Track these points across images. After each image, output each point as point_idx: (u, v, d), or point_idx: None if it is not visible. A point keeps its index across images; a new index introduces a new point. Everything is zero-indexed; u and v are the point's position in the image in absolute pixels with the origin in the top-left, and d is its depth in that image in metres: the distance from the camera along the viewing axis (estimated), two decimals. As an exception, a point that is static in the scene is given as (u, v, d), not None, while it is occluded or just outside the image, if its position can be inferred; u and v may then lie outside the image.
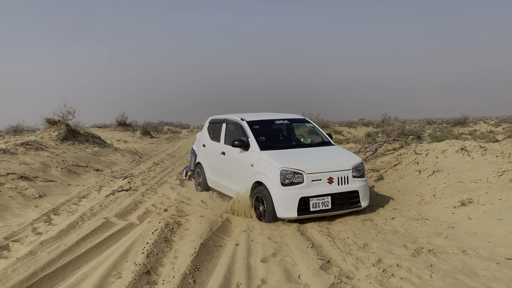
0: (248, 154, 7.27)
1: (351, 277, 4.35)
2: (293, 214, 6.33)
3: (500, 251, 4.82)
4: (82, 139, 17.29)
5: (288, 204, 6.32)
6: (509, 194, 6.30)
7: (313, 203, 6.38)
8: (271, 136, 7.99)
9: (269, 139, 7.74)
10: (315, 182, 6.44)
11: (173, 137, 37.34)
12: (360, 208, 6.77)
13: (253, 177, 6.96)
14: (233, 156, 7.80)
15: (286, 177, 6.39)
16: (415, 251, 5.00)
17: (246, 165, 7.23)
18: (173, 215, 6.88)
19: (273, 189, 6.44)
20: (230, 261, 4.93)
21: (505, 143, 8.88)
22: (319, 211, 6.44)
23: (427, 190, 8.01)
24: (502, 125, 38.45)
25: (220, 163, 8.41)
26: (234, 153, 7.71)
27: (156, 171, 13.09)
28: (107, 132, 30.06)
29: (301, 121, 8.58)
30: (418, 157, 9.97)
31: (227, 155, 8.07)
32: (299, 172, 6.41)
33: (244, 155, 7.37)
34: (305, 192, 6.36)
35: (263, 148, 7.14)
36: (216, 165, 8.68)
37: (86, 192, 9.26)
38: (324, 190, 6.47)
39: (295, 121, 8.50)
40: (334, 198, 6.51)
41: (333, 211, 6.53)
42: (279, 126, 8.38)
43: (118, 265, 4.73)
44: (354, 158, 7.07)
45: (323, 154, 7.23)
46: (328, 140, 8.05)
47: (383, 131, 22.82)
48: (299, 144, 7.95)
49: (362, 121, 54.66)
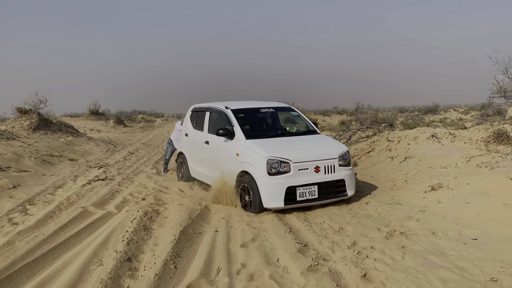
0: (233, 143, 7.11)
1: (327, 259, 4.52)
2: (280, 204, 6.24)
3: (467, 232, 5.09)
4: (54, 128, 16.98)
5: (275, 194, 6.23)
6: (476, 178, 6.59)
7: (300, 192, 6.30)
8: (256, 125, 7.89)
9: (255, 128, 7.64)
10: (302, 171, 6.36)
11: (147, 126, 36.94)
12: (346, 197, 6.72)
13: (238, 167, 6.82)
14: (217, 146, 7.63)
15: (272, 166, 6.28)
16: (388, 234, 5.22)
17: (231, 155, 7.08)
18: (151, 204, 6.92)
19: (259, 178, 6.33)
20: (210, 247, 5.03)
21: (473, 130, 9.23)
22: (306, 201, 6.36)
23: (399, 176, 8.29)
24: (470, 113, 39.53)
25: (204, 153, 8.23)
26: (219, 142, 7.53)
27: (131, 161, 13.01)
28: (80, 121, 29.50)
29: (286, 109, 8.49)
30: (391, 144, 10.26)
31: (211, 144, 7.89)
32: (286, 161, 6.31)
33: (229, 144, 7.20)
34: (292, 182, 6.27)
35: (249, 137, 6.98)
36: (199, 155, 8.49)
37: (61, 182, 9.16)
38: (311, 179, 6.39)
39: (281, 109, 8.40)
40: (320, 187, 6.44)
41: (319, 200, 6.47)
42: (264, 114, 8.25)
43: (99, 253, 4.77)
44: (340, 146, 7.00)
45: (310, 143, 7.15)
46: (314, 129, 7.93)
47: (356, 119, 23.18)
48: (285, 133, 7.80)
49: (336, 110, 55.23)
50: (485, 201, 5.80)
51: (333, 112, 48.26)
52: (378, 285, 3.86)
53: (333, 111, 50.77)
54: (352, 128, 14.17)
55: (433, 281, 3.84)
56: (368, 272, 4.13)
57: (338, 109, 55.25)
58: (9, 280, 4.18)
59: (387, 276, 4.01)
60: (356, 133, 12.94)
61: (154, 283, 3.98)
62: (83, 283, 4.02)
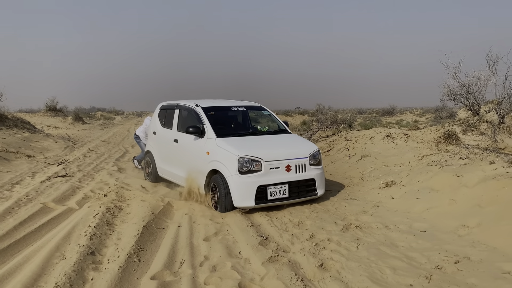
0: (203, 142, 7.00)
1: (287, 251, 4.73)
2: (251, 203, 6.17)
3: (417, 225, 5.44)
4: (10, 124, 16.42)
5: (246, 193, 6.16)
6: (427, 176, 7.01)
7: (270, 191, 6.25)
8: (227, 123, 7.86)
9: (225, 126, 7.58)
10: (273, 170, 6.32)
11: (106, 123, 36.21)
12: (316, 196, 6.74)
13: (208, 165, 6.72)
14: (187, 144, 7.51)
15: (244, 164, 6.21)
16: (344, 227, 5.50)
17: (201, 153, 6.98)
18: (113, 200, 6.91)
19: (230, 177, 6.25)
20: (173, 241, 5.14)
21: (425, 131, 9.74)
22: (276, 200, 6.33)
23: (356, 173, 8.65)
24: (425, 115, 41.17)
25: (173, 152, 8.09)
26: (188, 140, 7.43)
27: (92, 158, 12.82)
28: (36, 117, 28.55)
29: (257, 108, 8.45)
30: (349, 143, 10.66)
31: (180, 142, 7.75)
32: (257, 159, 6.25)
33: (199, 142, 7.09)
34: (263, 180, 6.22)
35: (220, 135, 6.89)
36: (167, 154, 8.33)
37: (19, 178, 8.95)
38: (282, 178, 6.36)
39: (252, 108, 8.36)
40: (291, 186, 6.42)
41: (290, 199, 6.45)
42: (235, 113, 8.20)
43: (61, 247, 4.77)
44: (311, 146, 6.99)
45: (281, 142, 7.13)
46: (285, 128, 7.93)
47: (317, 119, 23.74)
48: (256, 132, 7.79)
49: (298, 110, 55.98)
50: (434, 197, 6.20)
51: (295, 113, 48.95)
52: (334, 274, 4.10)
53: (295, 112, 51.49)
54: (313, 128, 14.55)
55: (384, 270, 4.13)
56: (324, 262, 4.37)
57: (300, 110, 56.04)
58: (-32, 274, 4.13)
59: (342, 266, 4.26)
60: (317, 132, 13.32)
61: (118, 275, 4.06)
62: (46, 276, 4.04)
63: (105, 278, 3.98)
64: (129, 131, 26.35)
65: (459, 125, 9.20)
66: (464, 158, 7.33)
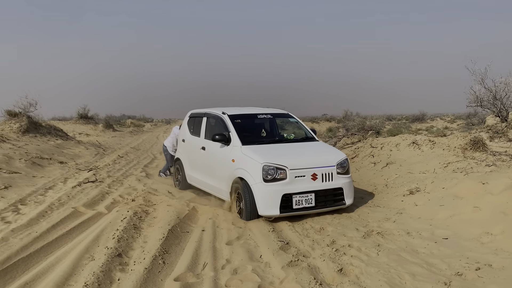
0: (229, 149, 7.00)
1: (307, 256, 4.81)
2: (275, 212, 6.10)
3: (439, 232, 5.42)
4: (44, 131, 17.08)
5: (270, 201, 6.09)
6: (451, 183, 6.95)
7: (296, 200, 6.15)
8: (253, 131, 7.84)
9: (251, 134, 7.58)
10: (299, 179, 6.22)
11: (136, 130, 37.03)
12: (344, 206, 6.58)
13: (234, 173, 6.70)
14: (213, 151, 7.51)
15: (268, 172, 6.14)
16: (365, 234, 5.53)
17: (227, 161, 6.96)
18: (140, 205, 7.15)
19: (255, 185, 6.19)
20: (197, 244, 5.30)
21: (451, 138, 9.62)
22: (302, 209, 6.22)
23: (380, 181, 8.63)
24: (457, 122, 40.30)
25: (200, 159, 8.09)
26: (215, 148, 7.43)
27: (121, 164, 13.20)
28: (68, 125, 29.52)
29: (284, 115, 8.36)
30: (374, 150, 10.62)
31: (207, 150, 7.77)
32: (282, 167, 6.18)
33: (225, 150, 7.09)
34: (288, 189, 6.13)
35: (245, 142, 6.87)
36: (196, 161, 8.34)
37: (52, 184, 9.34)
38: (308, 186, 6.25)
39: (278, 115, 8.28)
40: (318, 195, 6.29)
41: (316, 209, 6.32)
42: (261, 120, 8.15)
43: (90, 249, 5.00)
44: (339, 154, 6.84)
45: (307, 150, 7.05)
46: (312, 136, 7.81)
47: (344, 126, 23.64)
48: (282, 139, 7.71)
49: (325, 117, 55.74)
50: (458, 204, 6.15)
51: (321, 119, 48.79)
52: (353, 279, 4.16)
53: (321, 118, 51.32)
54: (338, 135, 14.54)
55: (403, 275, 4.15)
56: (344, 267, 4.43)
57: (326, 116, 55.79)
58: (5, 273, 4.40)
59: (362, 271, 4.31)
60: (341, 139, 13.31)
61: (143, 276, 4.23)
62: (76, 275, 4.26)
63: (131, 279, 4.16)
64: (158, 138, 26.89)
65: (486, 131, 9.06)
66: (491, 165, 7.23)
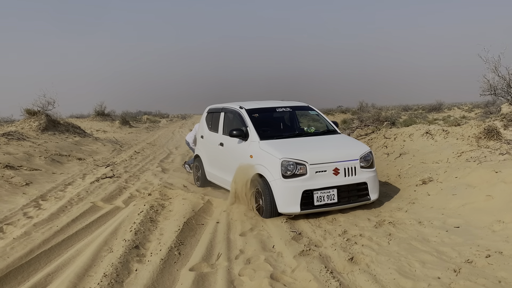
0: (247, 145, 6.79)
1: (319, 246, 4.91)
2: (296, 209, 5.83)
3: (451, 221, 5.46)
4: (62, 129, 17.46)
5: (290, 198, 5.84)
6: (464, 172, 6.94)
7: (317, 196, 5.89)
8: (272, 125, 7.63)
9: (270, 128, 7.36)
10: (320, 174, 5.96)
11: (152, 126, 37.43)
12: (369, 201, 6.31)
13: (252, 169, 6.53)
14: (231, 147, 7.34)
15: (287, 168, 5.89)
16: (377, 223, 5.60)
17: (245, 156, 6.75)
18: (157, 199, 7.32)
19: (274, 181, 5.95)
20: (211, 236, 5.43)
21: (465, 127, 9.57)
22: (324, 205, 5.95)
23: (394, 171, 8.65)
24: (475, 111, 39.69)
25: (219, 155, 7.92)
26: (233, 143, 7.24)
27: (137, 159, 13.44)
28: (86, 122, 30.02)
29: (304, 108, 8.07)
30: (387, 141, 10.62)
31: (225, 146, 7.58)
32: (301, 162, 5.92)
33: (243, 145, 6.90)
34: (309, 185, 5.87)
35: (263, 137, 6.65)
36: (214, 157, 8.18)
37: (71, 180, 9.60)
38: (330, 182, 5.98)
39: (298, 108, 7.99)
40: (340, 190, 6.02)
41: (339, 205, 6.05)
42: (280, 114, 7.91)
43: (109, 242, 5.19)
44: (362, 147, 6.57)
45: (328, 143, 6.78)
46: (334, 129, 7.54)
47: (358, 117, 23.57)
48: (302, 133, 7.43)
49: (340, 108, 55.46)
50: (471, 193, 6.16)
51: (336, 111, 48.56)
52: (363, 267, 4.24)
53: (336, 110, 51.05)
54: (351, 126, 14.54)
55: (413, 263, 4.22)
56: (355, 256, 4.51)
57: (342, 108, 55.51)
58: (28, 265, 4.60)
59: (372, 259, 4.39)
60: (355, 131, 13.31)
61: (160, 266, 4.39)
62: (95, 267, 4.44)
63: (147, 269, 4.31)
64: (173, 134, 27.19)
65: (501, 120, 8.99)
66: (504, 153, 7.20)
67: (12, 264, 4.53)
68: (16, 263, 4.56)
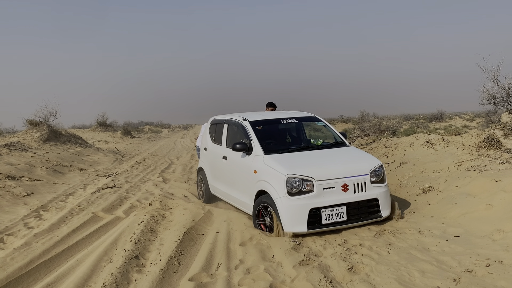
0: (250, 159, 6.47)
1: (319, 255, 4.91)
2: (303, 228, 5.52)
3: (451, 230, 5.45)
4: (64, 139, 17.53)
5: (296, 217, 5.52)
6: (465, 181, 6.95)
7: (325, 214, 5.58)
8: (277, 138, 7.29)
9: (275, 141, 7.05)
10: (327, 190, 5.64)
11: (154, 136, 37.55)
12: (380, 218, 5.97)
13: (256, 185, 6.16)
14: (235, 161, 7.01)
15: (293, 185, 5.57)
16: (377, 233, 5.59)
17: (248, 171, 6.43)
18: (157, 209, 7.33)
19: (279, 199, 5.63)
20: (211, 246, 5.44)
21: (465, 136, 9.57)
22: (332, 224, 5.63)
23: (394, 181, 8.65)
24: (476, 120, 39.72)
25: (222, 169, 7.57)
26: (236, 157, 6.91)
27: (139, 170, 13.47)
28: (88, 132, 30.13)
29: (311, 119, 7.75)
30: (388, 150, 10.63)
31: (229, 159, 7.24)
32: (308, 179, 5.60)
33: (247, 159, 6.56)
34: (316, 202, 5.55)
35: (268, 151, 6.32)
36: (218, 171, 7.82)
37: (72, 190, 9.62)
38: (338, 199, 5.66)
39: (304, 119, 7.67)
40: (350, 208, 5.71)
41: (349, 223, 5.74)
42: (286, 125, 7.56)
43: (109, 252, 5.20)
44: (372, 160, 6.25)
45: (336, 157, 6.42)
46: (342, 140, 7.18)
47: (359, 127, 23.60)
48: (308, 146, 7.00)
49: (341, 118, 55.47)
50: (471, 202, 6.16)
51: (338, 121, 48.59)
52: (363, 276, 4.24)
53: (338, 120, 51.09)
54: (352, 136, 14.56)
55: (413, 273, 4.22)
56: (354, 265, 4.51)
57: (343, 118, 55.54)
58: (28, 275, 4.62)
59: (372, 269, 4.39)
60: (355, 140, 13.33)
61: (159, 276, 4.39)
62: (95, 277, 4.45)
63: (147, 279, 4.32)
64: (175, 144, 27.24)
65: (500, 129, 9.00)
66: (504, 162, 7.20)
67: (12, 274, 4.54)
68: (16, 274, 4.58)
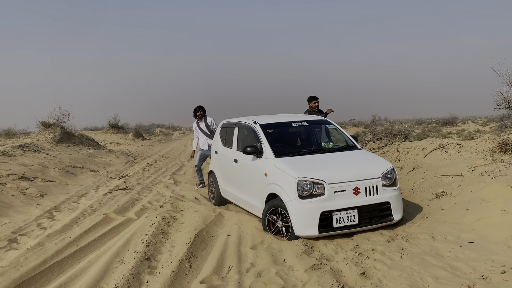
0: (261, 162, 6.45)
1: (330, 260, 4.87)
2: (314, 232, 5.49)
3: (465, 236, 5.37)
4: (76, 141, 17.70)
5: (308, 220, 5.50)
6: (478, 186, 6.85)
7: (336, 218, 5.54)
8: (287, 141, 7.29)
9: (286, 144, 7.06)
10: (339, 193, 5.61)
11: (165, 139, 37.75)
12: (392, 222, 5.91)
13: (267, 188, 6.15)
14: (245, 164, 7.01)
15: (304, 188, 5.55)
16: (389, 238, 5.54)
17: (259, 174, 6.43)
18: (168, 211, 7.35)
19: (290, 202, 5.61)
20: (222, 249, 5.43)
21: (479, 141, 9.46)
22: (344, 227, 5.60)
23: (407, 185, 8.57)
24: (489, 124, 39.28)
25: (233, 172, 7.59)
26: (247, 160, 6.90)
27: (150, 172, 13.54)
28: (100, 134, 30.40)
29: (322, 122, 7.75)
30: (400, 154, 10.54)
31: (240, 162, 7.23)
32: (319, 182, 5.58)
33: (257, 163, 6.55)
34: (327, 206, 5.53)
35: (278, 154, 6.29)
36: (229, 174, 7.83)
37: (84, 191, 9.70)
38: (350, 202, 5.62)
39: (315, 122, 7.65)
40: (361, 211, 5.67)
41: (360, 227, 5.69)
42: (296, 129, 7.48)
43: (121, 253, 5.22)
44: (384, 163, 6.20)
45: (348, 160, 6.41)
46: (354, 144, 7.15)
47: (371, 131, 23.47)
48: (319, 149, 6.97)
49: (352, 122, 55.29)
50: (485, 208, 6.07)
51: (349, 124, 48.41)
52: (375, 282, 4.19)
53: (349, 123, 50.92)
54: (364, 140, 14.48)
55: (426, 278, 4.16)
56: (367, 270, 4.47)
57: (354, 121, 55.33)
58: (41, 275, 4.66)
59: (384, 274, 4.34)
60: (367, 144, 13.25)
61: (170, 278, 4.40)
62: (107, 278, 4.47)
63: (158, 281, 4.33)
64: (186, 146, 27.34)
65: (516, 134, 8.88)
66: (520, 168, 7.09)
67: (25, 274, 4.59)
68: (30, 274, 4.62)
